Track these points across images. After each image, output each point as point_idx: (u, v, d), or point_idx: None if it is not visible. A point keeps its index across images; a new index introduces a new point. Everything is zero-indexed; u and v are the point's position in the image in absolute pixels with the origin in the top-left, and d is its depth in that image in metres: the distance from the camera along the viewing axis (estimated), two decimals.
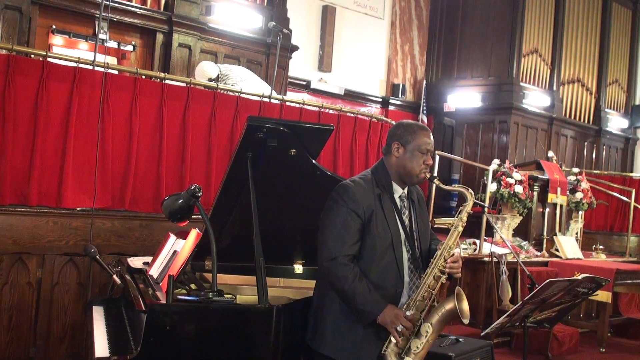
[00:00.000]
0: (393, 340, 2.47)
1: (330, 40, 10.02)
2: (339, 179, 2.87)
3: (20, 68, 4.05)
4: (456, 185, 2.79)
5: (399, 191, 2.68)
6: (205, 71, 6.05)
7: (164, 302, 2.54)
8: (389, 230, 2.57)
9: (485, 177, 7.04)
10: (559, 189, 7.30)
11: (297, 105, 5.45)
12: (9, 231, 3.95)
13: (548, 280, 3.33)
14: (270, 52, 8.10)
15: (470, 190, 2.66)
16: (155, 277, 3.02)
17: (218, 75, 6.06)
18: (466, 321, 2.54)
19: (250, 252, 2.68)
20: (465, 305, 2.52)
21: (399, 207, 2.65)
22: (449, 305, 2.52)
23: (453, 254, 2.55)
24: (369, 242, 2.55)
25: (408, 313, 2.48)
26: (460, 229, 2.59)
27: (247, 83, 6.02)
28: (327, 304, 2.60)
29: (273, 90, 5.69)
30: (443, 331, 3.65)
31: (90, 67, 4.32)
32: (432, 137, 2.68)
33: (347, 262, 2.49)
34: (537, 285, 3.40)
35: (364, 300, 2.47)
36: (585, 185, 7.81)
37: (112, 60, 6.89)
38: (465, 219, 2.60)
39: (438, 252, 2.56)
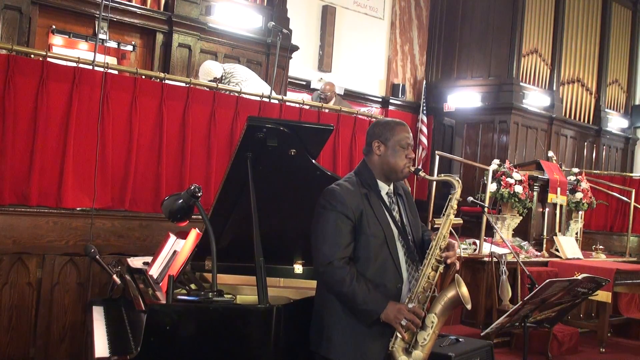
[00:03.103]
0: (399, 335, 2.47)
1: (330, 40, 10.02)
2: (339, 179, 2.87)
3: (20, 68, 4.05)
4: (442, 175, 2.81)
5: (385, 188, 2.70)
6: (211, 70, 6.06)
7: (164, 302, 2.54)
8: (381, 227, 2.58)
9: (485, 177, 7.03)
10: (558, 189, 7.30)
11: (297, 105, 5.46)
12: (9, 231, 3.95)
13: (548, 280, 3.33)
14: (270, 52, 8.10)
15: (457, 178, 2.69)
16: (155, 277, 3.02)
17: (222, 74, 6.08)
18: (469, 306, 2.55)
19: (250, 252, 2.68)
20: (465, 291, 2.53)
21: (388, 203, 2.67)
22: (451, 293, 2.53)
23: (448, 243, 2.56)
24: (362, 242, 2.56)
25: (410, 306, 2.48)
26: (452, 216, 2.61)
27: (250, 82, 6.04)
28: (330, 309, 2.58)
29: (273, 90, 5.70)
30: (443, 331, 3.66)
31: (90, 67, 4.32)
32: (410, 132, 2.72)
33: (343, 265, 2.49)
34: (537, 285, 3.40)
35: (364, 300, 2.46)
36: (585, 185, 7.80)
37: (112, 60, 6.89)
38: (455, 205, 2.63)
39: (433, 242, 2.57)
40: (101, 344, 2.82)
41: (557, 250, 7.12)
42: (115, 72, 4.56)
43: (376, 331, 2.51)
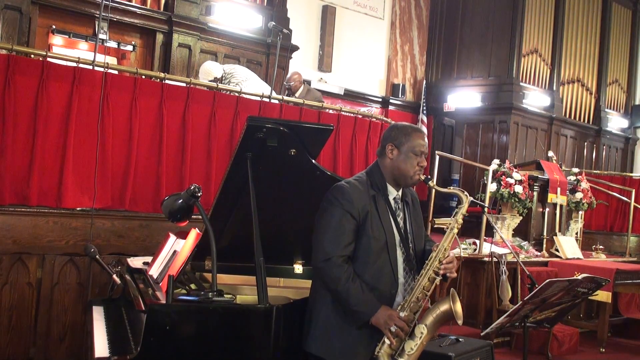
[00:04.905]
0: (387, 341, 2.47)
1: (330, 40, 10.02)
2: (339, 179, 2.87)
3: (20, 68, 4.05)
4: (451, 188, 2.79)
5: (393, 193, 2.68)
6: (211, 70, 6.08)
7: (164, 302, 2.54)
8: (384, 231, 2.57)
9: (485, 177, 7.03)
10: (558, 189, 7.29)
11: (297, 106, 5.46)
12: (9, 231, 3.95)
13: (548, 280, 3.33)
14: (270, 52, 8.11)
15: (466, 192, 2.66)
16: (155, 277, 3.02)
17: (222, 75, 6.09)
18: (460, 322, 2.54)
19: (250, 252, 2.68)
20: (459, 307, 2.52)
21: (394, 208, 2.65)
22: (444, 307, 2.52)
23: (448, 255, 2.55)
24: (363, 243, 2.55)
25: (402, 314, 2.48)
26: (456, 230, 2.59)
27: (250, 83, 6.06)
28: (320, 305, 2.59)
29: (273, 90, 5.70)
30: (444, 331, 3.66)
31: (90, 67, 4.32)
32: (426, 139, 2.68)
33: (341, 263, 2.49)
34: (537, 285, 3.40)
35: (357, 301, 2.47)
36: (585, 185, 7.80)
37: (112, 60, 6.89)
38: (460, 220, 2.61)
39: (433, 253, 2.56)
40: (101, 344, 2.82)
41: (557, 250, 7.11)
42: (115, 72, 4.56)
43: (364, 334, 2.51)
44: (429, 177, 2.67)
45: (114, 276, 3.40)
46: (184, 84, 4.90)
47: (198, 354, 2.48)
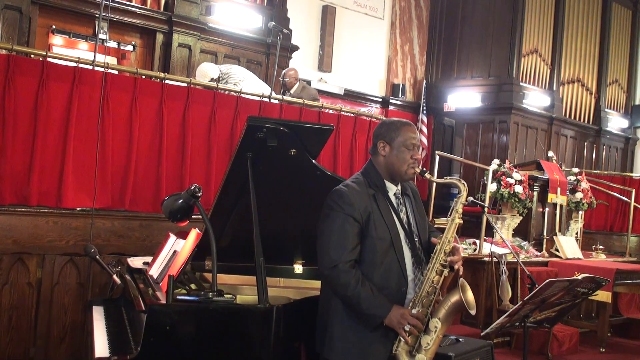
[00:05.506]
0: (402, 339, 2.47)
1: (330, 40, 10.01)
2: (339, 179, 2.87)
3: (20, 68, 4.05)
4: (448, 178, 2.79)
5: (392, 189, 2.67)
6: (207, 72, 6.08)
7: (164, 302, 2.54)
8: (388, 230, 2.56)
9: (485, 177, 7.03)
10: (559, 189, 7.30)
11: (297, 105, 5.46)
12: (9, 231, 3.95)
13: (548, 280, 3.33)
14: (270, 52, 8.11)
15: (463, 181, 2.65)
16: (155, 277, 3.02)
17: (219, 75, 6.08)
18: (473, 312, 2.54)
19: (250, 252, 2.68)
20: (470, 296, 2.52)
21: (395, 204, 2.64)
22: (454, 298, 2.52)
23: (453, 247, 2.54)
24: (368, 245, 2.53)
25: (414, 311, 2.47)
26: (457, 220, 2.58)
27: (247, 83, 6.05)
28: (333, 311, 2.57)
29: (273, 91, 5.70)
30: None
31: (90, 67, 4.33)
32: (417, 132, 2.68)
33: (349, 269, 2.47)
34: (537, 285, 3.39)
35: (368, 305, 2.45)
36: (585, 185, 7.80)
37: (112, 60, 6.89)
38: (460, 210, 2.60)
39: (437, 246, 2.55)
40: (101, 344, 2.82)
41: (557, 250, 7.12)
42: (115, 72, 4.56)
43: (380, 334, 2.50)
44: (425, 169, 2.66)
45: (114, 276, 3.40)
46: (184, 84, 4.91)
47: (198, 354, 2.48)
